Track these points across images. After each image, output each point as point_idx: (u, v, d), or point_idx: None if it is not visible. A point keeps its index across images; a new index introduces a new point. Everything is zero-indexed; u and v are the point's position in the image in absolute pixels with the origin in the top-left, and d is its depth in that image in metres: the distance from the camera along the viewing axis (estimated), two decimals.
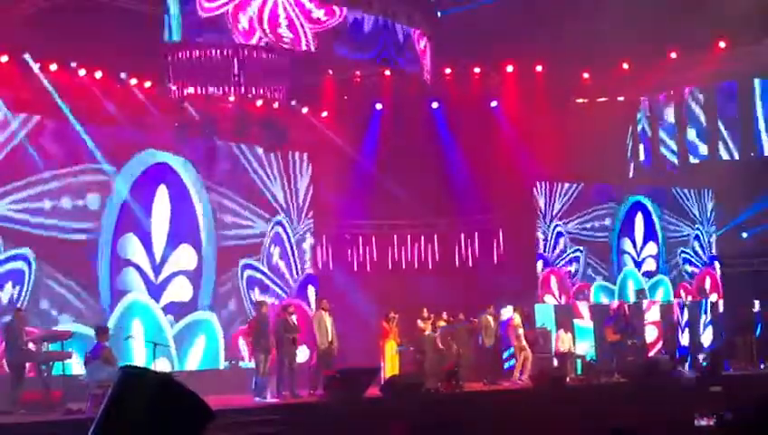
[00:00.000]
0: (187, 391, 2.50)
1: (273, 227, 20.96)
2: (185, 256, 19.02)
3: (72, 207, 17.88)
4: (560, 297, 23.12)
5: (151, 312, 18.52)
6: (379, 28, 19.52)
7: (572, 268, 23.45)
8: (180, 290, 18.88)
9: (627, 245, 24.42)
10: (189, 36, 18.06)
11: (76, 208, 17.92)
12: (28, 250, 17.17)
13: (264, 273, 20.62)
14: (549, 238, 23.36)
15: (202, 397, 2.50)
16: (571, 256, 23.53)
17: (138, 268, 18.31)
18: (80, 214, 17.95)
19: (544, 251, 23.23)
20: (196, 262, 19.20)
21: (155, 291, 18.49)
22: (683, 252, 25.43)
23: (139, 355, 17.46)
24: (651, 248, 24.77)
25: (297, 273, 21.24)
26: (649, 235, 24.77)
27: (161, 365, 17.84)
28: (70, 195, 17.93)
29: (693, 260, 25.53)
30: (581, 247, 23.75)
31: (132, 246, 18.27)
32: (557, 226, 23.53)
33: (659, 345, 22.59)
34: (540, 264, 23.12)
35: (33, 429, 13.09)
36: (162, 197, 18.79)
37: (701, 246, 25.66)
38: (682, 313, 23.39)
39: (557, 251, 23.38)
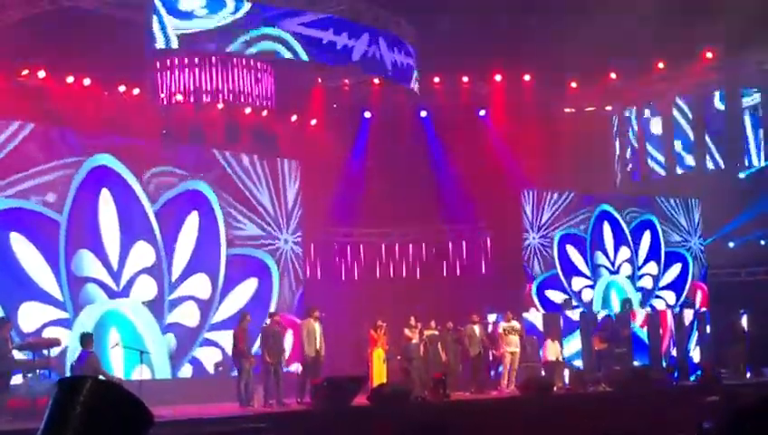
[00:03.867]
0: (126, 397, 2.51)
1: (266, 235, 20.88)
2: (142, 254, 18.72)
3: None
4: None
5: (127, 320, 18.34)
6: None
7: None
8: (145, 290, 18.64)
9: (600, 258, 24.35)
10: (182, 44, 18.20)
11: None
12: None
13: (243, 260, 20.45)
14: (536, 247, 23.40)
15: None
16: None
17: (97, 282, 17.97)
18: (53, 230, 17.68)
19: (530, 260, 23.25)
20: (155, 257, 18.91)
21: (119, 298, 18.20)
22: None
23: (122, 363, 17.38)
24: (624, 253, 24.76)
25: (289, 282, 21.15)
26: (620, 241, 24.72)
27: (145, 373, 17.75)
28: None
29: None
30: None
31: (87, 262, 17.80)
32: (543, 235, 23.56)
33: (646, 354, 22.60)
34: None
35: None
36: (106, 200, 18.40)
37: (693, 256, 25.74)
38: (675, 322, 23.42)
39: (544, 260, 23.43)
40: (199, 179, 19.71)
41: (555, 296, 23.33)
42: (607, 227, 24.48)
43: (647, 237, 25.09)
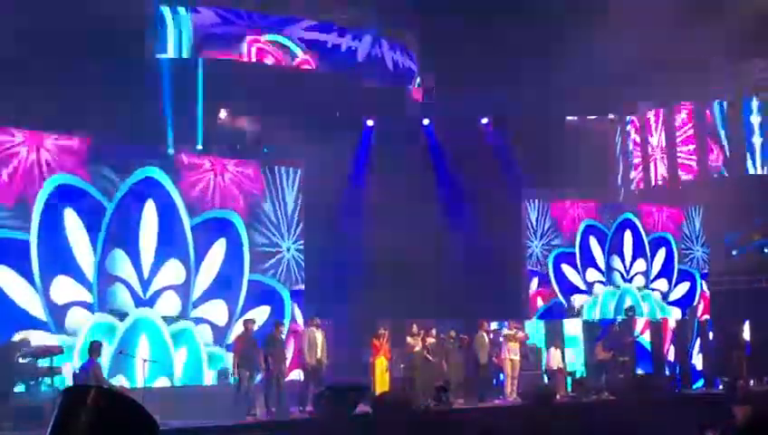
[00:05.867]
0: (130, 405, 2.52)
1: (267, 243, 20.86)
2: (173, 271, 18.84)
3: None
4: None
5: (156, 327, 18.42)
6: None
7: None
8: (169, 305, 18.71)
9: (616, 262, 24.43)
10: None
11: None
12: None
13: (259, 288, 20.48)
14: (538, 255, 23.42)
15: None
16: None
17: (125, 284, 18.10)
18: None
19: (534, 268, 23.27)
20: (185, 276, 19.01)
21: (143, 306, 18.29)
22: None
23: (134, 371, 17.39)
24: (640, 265, 24.81)
25: (287, 287, 21.11)
26: (638, 251, 24.79)
27: (160, 382, 17.82)
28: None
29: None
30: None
31: (120, 262, 18.11)
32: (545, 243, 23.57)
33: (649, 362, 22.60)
34: (535, 281, 23.21)
35: None
36: (150, 210, 18.57)
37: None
38: (677, 330, 23.40)
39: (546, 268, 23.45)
40: (230, 209, 19.92)
41: (571, 274, 23.40)
42: (628, 235, 24.60)
43: (661, 254, 25.14)
